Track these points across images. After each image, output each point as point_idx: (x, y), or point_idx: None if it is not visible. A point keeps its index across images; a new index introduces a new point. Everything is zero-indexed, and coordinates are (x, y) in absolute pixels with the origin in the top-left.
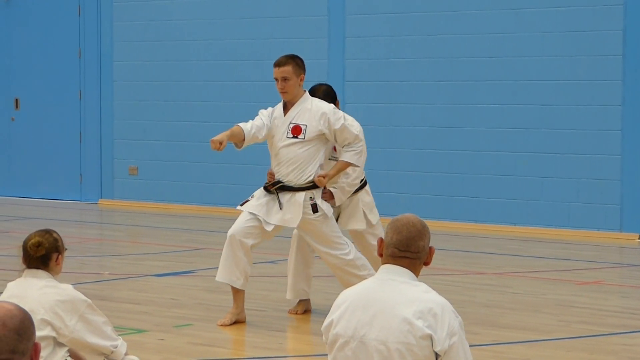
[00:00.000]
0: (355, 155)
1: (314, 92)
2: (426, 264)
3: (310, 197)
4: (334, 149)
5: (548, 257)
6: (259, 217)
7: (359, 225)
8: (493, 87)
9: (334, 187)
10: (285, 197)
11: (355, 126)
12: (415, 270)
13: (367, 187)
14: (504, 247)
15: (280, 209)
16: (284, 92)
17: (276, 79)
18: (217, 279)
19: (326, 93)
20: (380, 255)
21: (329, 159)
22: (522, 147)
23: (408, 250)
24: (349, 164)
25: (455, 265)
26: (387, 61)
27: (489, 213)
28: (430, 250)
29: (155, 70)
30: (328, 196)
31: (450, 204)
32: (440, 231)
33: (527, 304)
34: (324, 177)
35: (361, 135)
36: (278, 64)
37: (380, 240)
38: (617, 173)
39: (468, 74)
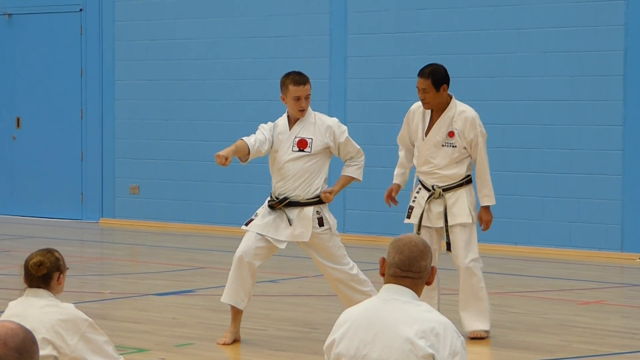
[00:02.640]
0: (358, 169)
1: (424, 68)
2: (428, 283)
3: (317, 211)
4: (450, 134)
5: (549, 276)
6: (268, 237)
7: (465, 218)
8: (494, 106)
9: None
10: (293, 212)
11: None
12: (417, 290)
13: (471, 186)
14: (505, 267)
15: (290, 224)
16: (303, 110)
17: (298, 98)
18: (222, 300)
19: (432, 71)
20: (382, 274)
21: (442, 145)
22: (523, 166)
23: (410, 270)
24: (352, 179)
25: (456, 285)
26: (388, 80)
27: (490, 232)
28: (432, 270)
29: (157, 90)
30: None
31: None
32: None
33: (529, 323)
34: (330, 192)
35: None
36: (302, 83)
37: (382, 260)
38: (618, 193)
39: (469, 93)
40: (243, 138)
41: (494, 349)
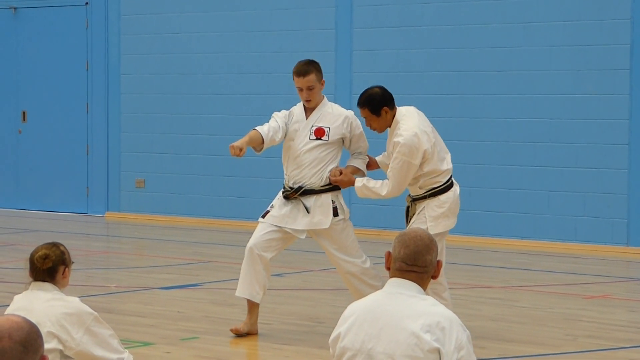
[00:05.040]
0: (363, 163)
1: (360, 97)
2: (433, 277)
3: (332, 201)
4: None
5: (555, 271)
6: (287, 229)
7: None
8: (501, 100)
9: None
10: (309, 200)
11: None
12: (423, 284)
13: (438, 197)
14: (511, 261)
15: (308, 212)
16: (308, 101)
17: (300, 89)
18: (237, 294)
19: (367, 101)
20: (388, 269)
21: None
22: (529, 160)
23: (415, 265)
24: (358, 170)
25: (462, 279)
26: (394, 74)
27: (495, 227)
28: (438, 264)
29: (162, 83)
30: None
31: (457, 217)
32: (447, 245)
33: (534, 317)
34: (340, 172)
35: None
36: (303, 74)
37: (388, 254)
38: (624, 187)
39: (476, 87)
40: (256, 128)
41: (500, 342)
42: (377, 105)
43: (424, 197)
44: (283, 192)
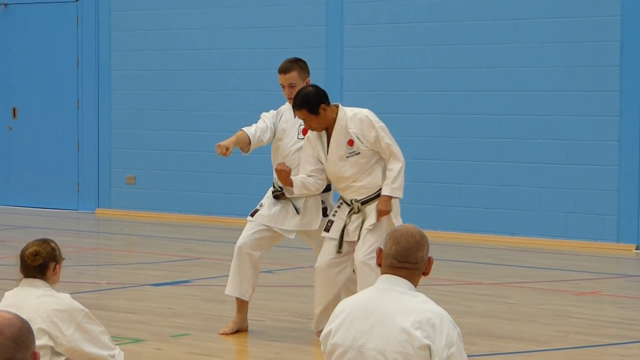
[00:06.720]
0: None
1: (295, 99)
2: (425, 274)
3: (322, 201)
4: (350, 143)
5: (545, 267)
6: (275, 229)
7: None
8: (491, 97)
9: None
10: (299, 201)
11: None
12: (414, 281)
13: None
14: (501, 258)
15: (298, 213)
16: (291, 98)
17: (282, 86)
18: (226, 292)
19: (302, 101)
20: (379, 265)
21: (347, 157)
22: (520, 157)
23: (406, 261)
24: None
25: (452, 276)
26: (385, 71)
27: (486, 223)
28: (429, 261)
29: (153, 80)
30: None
31: (448, 214)
32: (438, 241)
33: (524, 314)
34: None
35: None
36: (283, 71)
37: (379, 250)
38: (615, 184)
39: (466, 84)
40: (243, 128)
41: (490, 339)
42: (314, 104)
43: (378, 195)
44: (273, 192)
